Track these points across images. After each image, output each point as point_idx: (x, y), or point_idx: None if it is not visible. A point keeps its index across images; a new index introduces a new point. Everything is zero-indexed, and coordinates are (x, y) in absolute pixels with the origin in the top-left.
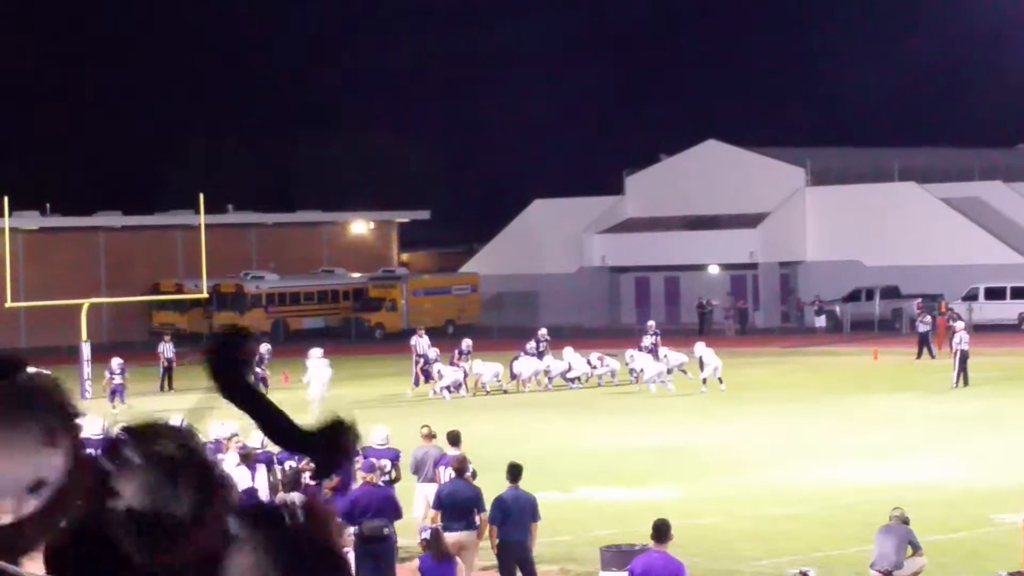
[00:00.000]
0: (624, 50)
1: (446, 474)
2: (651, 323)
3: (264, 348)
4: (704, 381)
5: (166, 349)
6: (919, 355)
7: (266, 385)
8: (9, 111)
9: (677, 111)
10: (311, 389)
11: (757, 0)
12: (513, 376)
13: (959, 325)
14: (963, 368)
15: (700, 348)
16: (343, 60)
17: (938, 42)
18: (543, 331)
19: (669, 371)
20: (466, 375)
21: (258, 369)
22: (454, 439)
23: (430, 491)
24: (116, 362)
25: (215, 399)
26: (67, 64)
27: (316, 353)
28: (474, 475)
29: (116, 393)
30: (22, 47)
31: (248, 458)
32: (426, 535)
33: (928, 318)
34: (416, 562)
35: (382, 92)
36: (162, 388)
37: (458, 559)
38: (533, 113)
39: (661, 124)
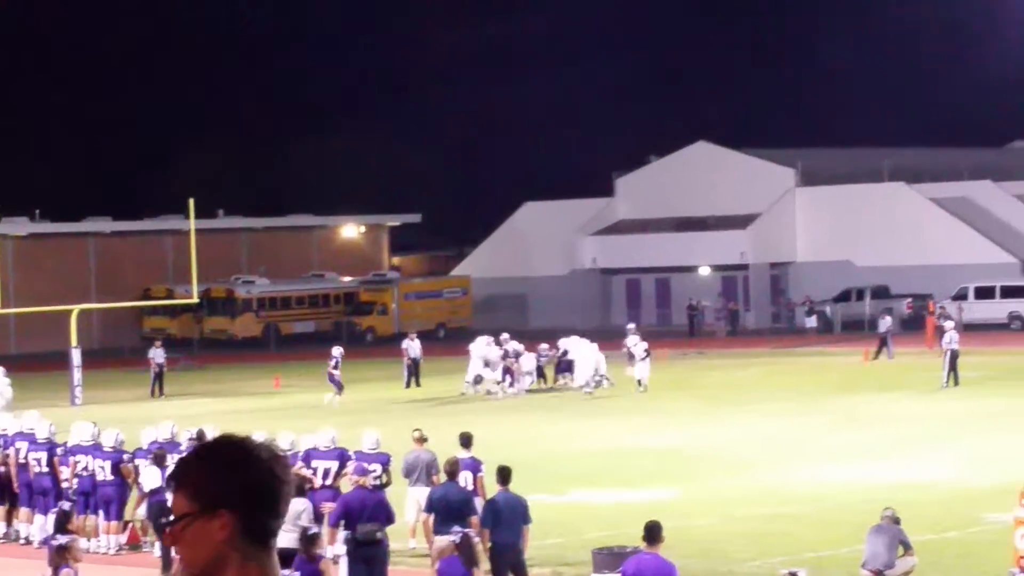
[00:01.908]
0: (613, 52)
1: (463, 478)
2: (631, 325)
3: (337, 351)
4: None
5: (157, 354)
6: (877, 355)
7: (340, 387)
8: None
9: (667, 113)
10: None
11: (746, 1)
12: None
13: (949, 324)
14: (953, 367)
15: (576, 344)
16: (332, 65)
17: (926, 42)
18: (505, 335)
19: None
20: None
21: (334, 371)
22: (466, 441)
23: (422, 495)
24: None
25: None
26: (56, 70)
27: None
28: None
29: None
30: (11, 53)
31: (160, 459)
32: (456, 538)
33: (888, 319)
34: (437, 565)
35: (372, 96)
36: (153, 394)
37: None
38: (523, 116)
39: (651, 126)
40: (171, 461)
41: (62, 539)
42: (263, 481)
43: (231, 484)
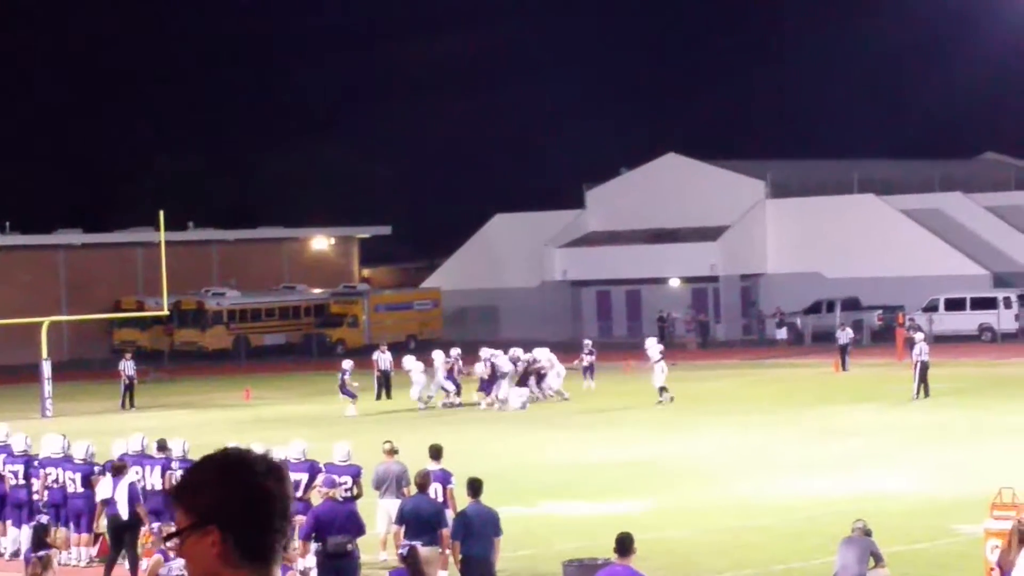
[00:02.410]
0: (583, 64)
1: (433, 490)
2: (588, 341)
3: (347, 364)
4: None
5: (127, 367)
6: (844, 366)
7: (353, 397)
8: None
9: (636, 124)
10: None
11: (718, 12)
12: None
13: (919, 336)
14: (923, 379)
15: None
16: (302, 76)
17: (896, 54)
18: (456, 350)
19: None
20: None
21: (347, 383)
22: (436, 453)
23: (392, 507)
24: None
25: None
26: (25, 81)
27: None
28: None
29: None
30: None
31: (119, 470)
32: (403, 551)
33: (848, 330)
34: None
35: (342, 108)
36: (123, 406)
37: None
38: (493, 128)
39: (621, 138)
40: (132, 473)
41: (40, 553)
42: (255, 496)
43: (221, 499)
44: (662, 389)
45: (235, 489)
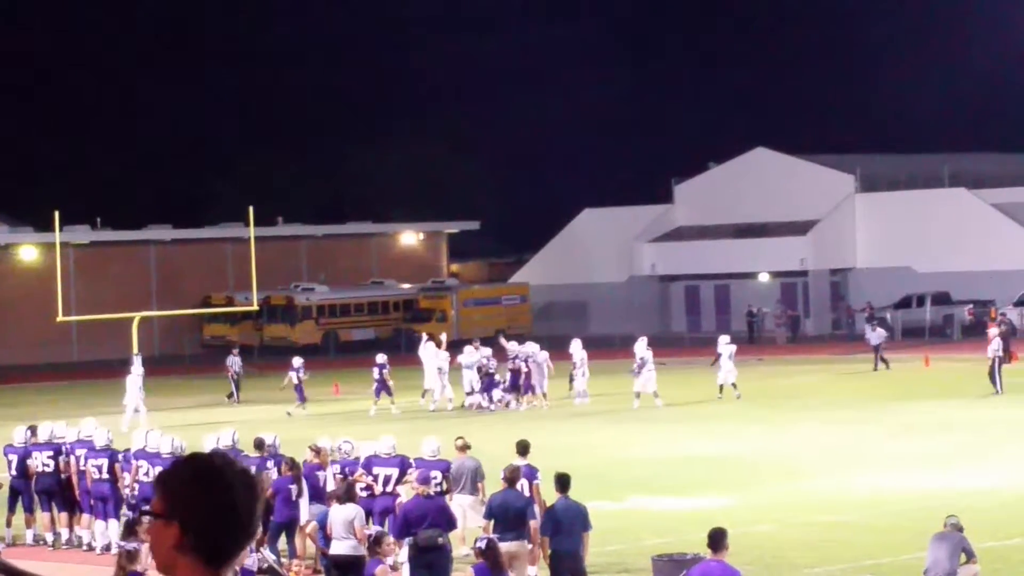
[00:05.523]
0: (671, 57)
1: (520, 485)
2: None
3: (297, 362)
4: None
5: (234, 362)
6: (876, 367)
7: (302, 400)
8: (60, 127)
9: (725, 119)
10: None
11: (805, 5)
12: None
13: (992, 332)
14: (997, 373)
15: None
16: (391, 71)
17: (987, 47)
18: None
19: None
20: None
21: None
22: (523, 449)
23: (466, 502)
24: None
25: None
26: (116, 79)
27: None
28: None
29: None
30: (73, 63)
31: None
32: (481, 544)
33: (880, 330)
34: (469, 571)
35: (430, 103)
36: (237, 400)
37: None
38: (581, 122)
39: (709, 132)
40: None
41: (130, 546)
42: (219, 505)
43: (188, 501)
44: (731, 386)
45: (203, 495)
